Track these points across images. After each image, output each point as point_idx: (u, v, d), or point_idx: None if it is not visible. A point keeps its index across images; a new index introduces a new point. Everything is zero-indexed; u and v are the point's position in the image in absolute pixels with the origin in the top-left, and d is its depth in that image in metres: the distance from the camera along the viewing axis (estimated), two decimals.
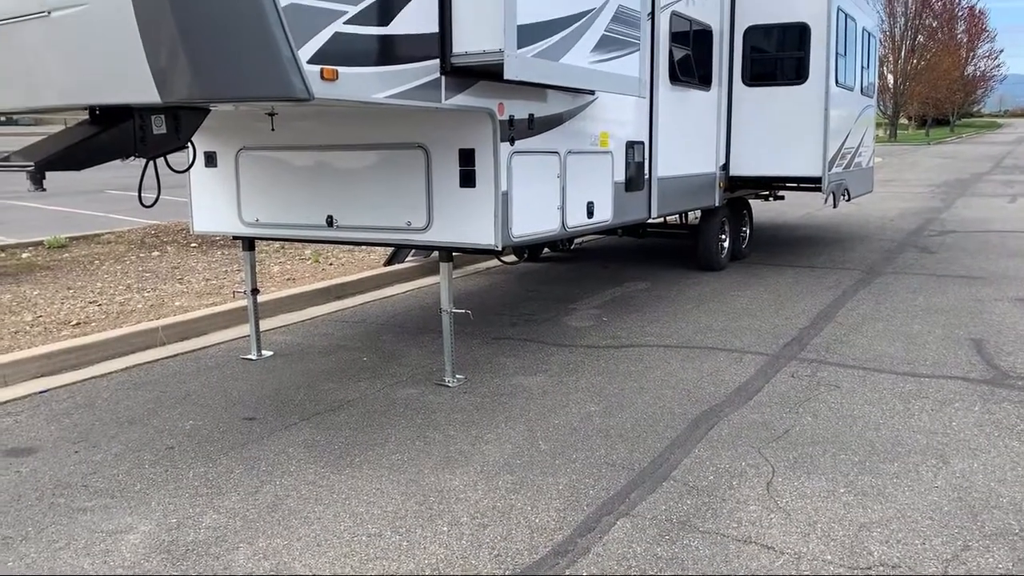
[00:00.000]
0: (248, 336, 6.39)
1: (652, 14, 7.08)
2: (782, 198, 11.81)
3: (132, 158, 4.25)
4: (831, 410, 4.97)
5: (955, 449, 4.38)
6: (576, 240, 11.33)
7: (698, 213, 9.63)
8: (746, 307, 7.72)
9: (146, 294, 7.89)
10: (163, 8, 3.52)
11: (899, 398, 5.17)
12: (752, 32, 9.24)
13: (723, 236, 9.72)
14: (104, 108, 4.19)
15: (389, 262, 9.27)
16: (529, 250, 10.14)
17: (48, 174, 4.11)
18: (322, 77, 3.80)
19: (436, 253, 5.93)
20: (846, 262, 10.13)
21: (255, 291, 6.33)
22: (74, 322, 6.81)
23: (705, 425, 4.75)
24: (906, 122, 75.11)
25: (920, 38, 62.18)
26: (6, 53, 3.97)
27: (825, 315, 7.36)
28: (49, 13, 3.69)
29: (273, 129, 5.52)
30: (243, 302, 6.63)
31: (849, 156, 10.58)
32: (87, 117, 4.29)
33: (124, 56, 3.65)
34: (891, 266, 9.81)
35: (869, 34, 11.54)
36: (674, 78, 7.82)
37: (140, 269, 9.17)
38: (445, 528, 3.60)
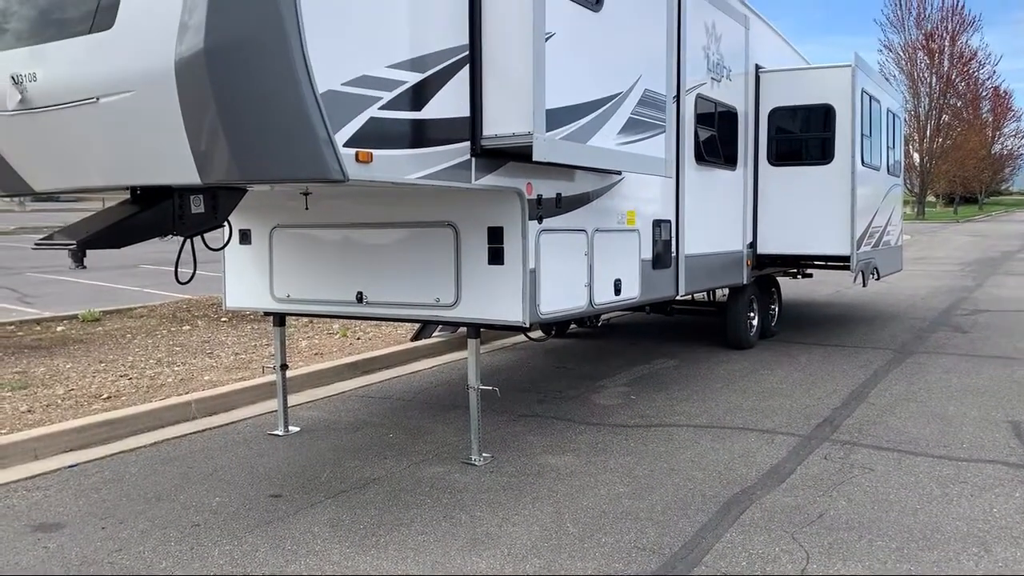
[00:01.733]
0: (276, 411, 6.40)
1: (678, 97, 7.22)
2: (811, 276, 11.77)
3: (170, 236, 4.36)
4: (866, 494, 4.85)
5: (997, 537, 4.24)
6: (604, 316, 11.32)
7: (726, 291, 9.62)
8: (777, 386, 7.62)
9: (176, 368, 7.97)
10: (206, 94, 3.66)
11: (936, 482, 5.03)
12: (777, 113, 9.38)
13: (752, 314, 9.67)
14: (144, 188, 4.32)
15: (416, 337, 9.31)
16: (556, 326, 10.14)
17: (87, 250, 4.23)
18: (357, 159, 3.90)
19: (464, 329, 5.96)
20: (877, 341, 10.01)
21: (284, 366, 6.38)
22: (105, 396, 6.88)
23: (737, 508, 4.65)
24: (934, 200, 75.05)
25: (945, 117, 62.62)
26: (54, 136, 4.12)
27: (857, 395, 7.24)
28: (97, 99, 3.85)
29: (307, 208, 5.64)
30: (271, 377, 6.66)
31: (877, 235, 10.57)
32: (128, 196, 4.42)
33: (167, 139, 3.78)
34: (923, 345, 9.68)
35: (894, 115, 11.66)
36: (700, 158, 7.92)
37: (171, 343, 9.28)
38: None
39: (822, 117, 9.29)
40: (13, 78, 4.04)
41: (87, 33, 3.84)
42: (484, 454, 5.56)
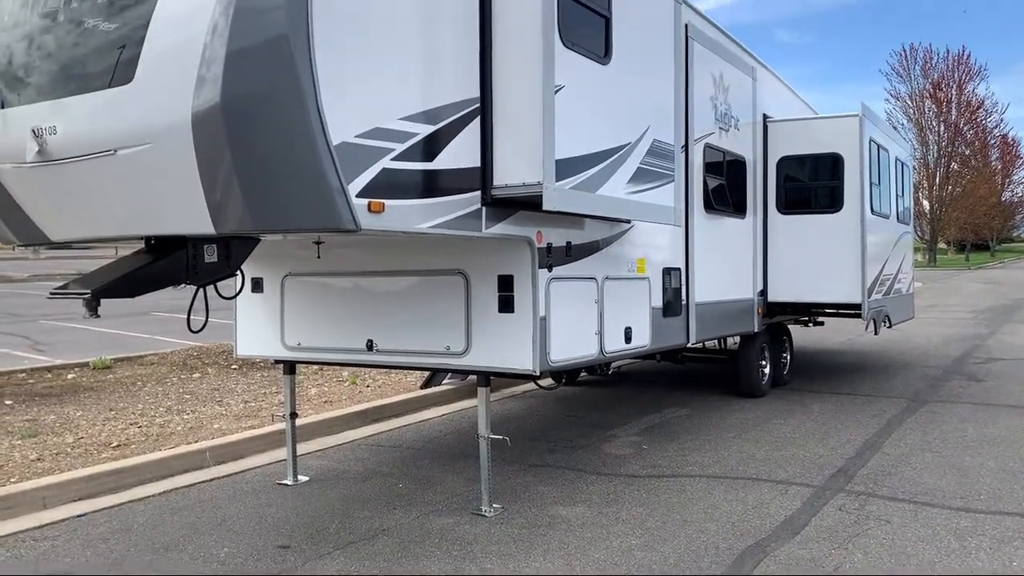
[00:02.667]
0: (285, 460, 6.37)
1: (686, 147, 7.29)
2: (822, 324, 11.72)
3: (183, 285, 4.40)
4: (882, 547, 4.76)
5: None
6: (614, 364, 11.28)
7: (737, 339, 9.58)
8: (789, 436, 7.54)
9: (185, 416, 7.96)
10: (222, 146, 3.72)
11: (954, 535, 4.95)
12: (785, 162, 9.44)
13: (763, 362, 9.62)
14: (159, 237, 4.38)
15: (426, 385, 9.28)
16: (567, 374, 10.10)
17: None
18: (369, 209, 3.95)
19: (474, 377, 5.95)
20: (890, 390, 9.92)
21: (294, 415, 6.37)
22: (114, 444, 6.87)
23: (751, 561, 4.57)
24: (945, 246, 74.96)
25: (954, 165, 62.87)
26: (71, 187, 4.19)
27: (871, 445, 7.16)
28: (115, 151, 3.93)
29: (319, 256, 5.69)
30: (281, 425, 6.65)
31: (888, 282, 10.55)
32: (143, 246, 4.47)
33: (182, 190, 3.84)
34: (937, 394, 9.58)
35: (902, 163, 11.72)
36: (709, 206, 7.97)
37: (181, 391, 9.29)
38: None
39: (830, 166, 9.35)
40: (34, 131, 4.13)
41: (107, 87, 3.93)
42: (494, 505, 5.50)
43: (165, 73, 3.80)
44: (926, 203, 61.02)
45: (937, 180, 61.85)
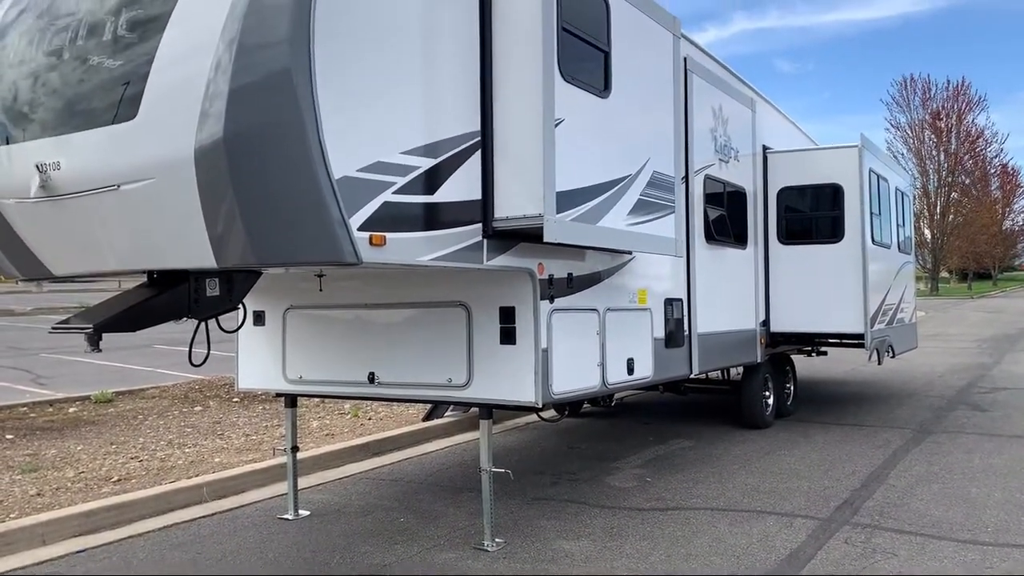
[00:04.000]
0: (286, 495, 6.32)
1: (686, 178, 7.32)
2: (825, 354, 11.69)
3: (185, 319, 4.40)
4: None
5: None
6: (617, 395, 11.23)
7: (740, 369, 9.55)
8: (794, 467, 7.49)
9: (187, 450, 7.93)
10: (224, 180, 3.74)
11: (962, 568, 4.89)
12: (786, 192, 9.48)
13: (767, 393, 9.58)
14: (161, 271, 4.39)
15: (428, 417, 9.25)
16: (569, 405, 10.06)
17: None
18: (371, 243, 3.96)
19: (476, 409, 5.92)
20: (895, 420, 9.86)
21: (295, 449, 6.33)
22: (115, 478, 6.83)
23: None
24: (947, 275, 74.96)
25: (954, 194, 63.07)
26: (75, 223, 4.21)
27: (877, 476, 7.10)
28: (118, 187, 3.95)
29: (321, 289, 5.70)
30: (282, 459, 6.61)
31: (891, 312, 10.53)
32: (145, 280, 4.48)
33: (185, 224, 3.86)
34: (942, 424, 9.52)
35: (903, 193, 11.76)
36: (710, 237, 7.98)
37: (182, 424, 9.25)
38: None
39: (831, 196, 9.38)
40: (38, 167, 4.16)
41: (111, 123, 3.97)
42: (497, 539, 5.45)
43: (169, 109, 3.84)
44: (927, 232, 61.16)
45: (938, 209, 62.02)
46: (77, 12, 4.23)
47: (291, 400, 6.34)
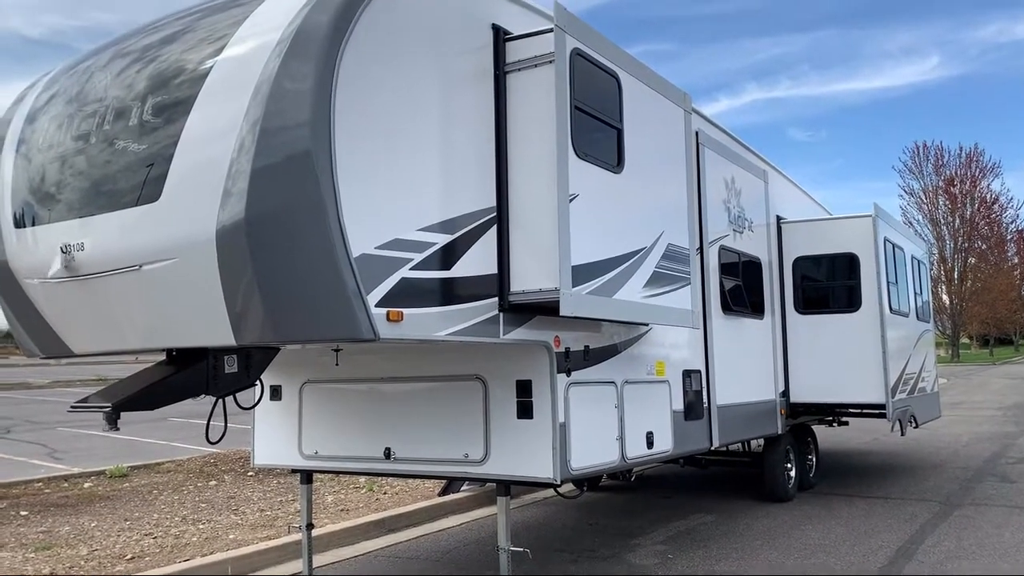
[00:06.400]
0: (301, 573, 6.21)
1: (701, 249, 7.34)
2: (846, 423, 11.50)
3: (203, 396, 4.41)
4: None
5: None
6: (636, 468, 11.05)
7: (761, 441, 9.40)
8: (819, 542, 7.30)
9: (201, 526, 7.84)
10: (245, 259, 3.80)
11: None
12: (801, 262, 9.48)
13: (789, 465, 9.40)
14: (180, 349, 4.42)
15: (444, 492, 9.12)
16: (588, 480, 9.89)
17: None
18: (388, 319, 3.99)
19: (493, 484, 5.85)
20: (921, 492, 9.63)
21: (310, 526, 6.25)
22: (129, 556, 6.75)
23: None
24: (968, 341, 74.12)
25: (971, 260, 62.80)
26: (95, 302, 4.27)
27: (905, 552, 6.90)
28: (140, 267, 4.02)
29: (337, 364, 5.71)
30: (297, 536, 6.52)
31: (912, 381, 10.40)
32: (164, 358, 4.51)
33: (204, 302, 3.91)
34: (970, 497, 9.29)
35: (919, 261, 11.74)
36: (726, 308, 7.96)
37: (197, 499, 9.17)
38: None
39: (846, 265, 9.37)
40: (63, 248, 4.24)
41: (135, 205, 4.06)
42: None
43: (192, 189, 3.93)
44: (946, 297, 60.71)
45: (956, 274, 61.69)
46: (105, 98, 4.38)
47: (306, 476, 6.29)
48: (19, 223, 4.63)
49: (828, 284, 9.58)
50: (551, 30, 4.81)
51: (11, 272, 4.72)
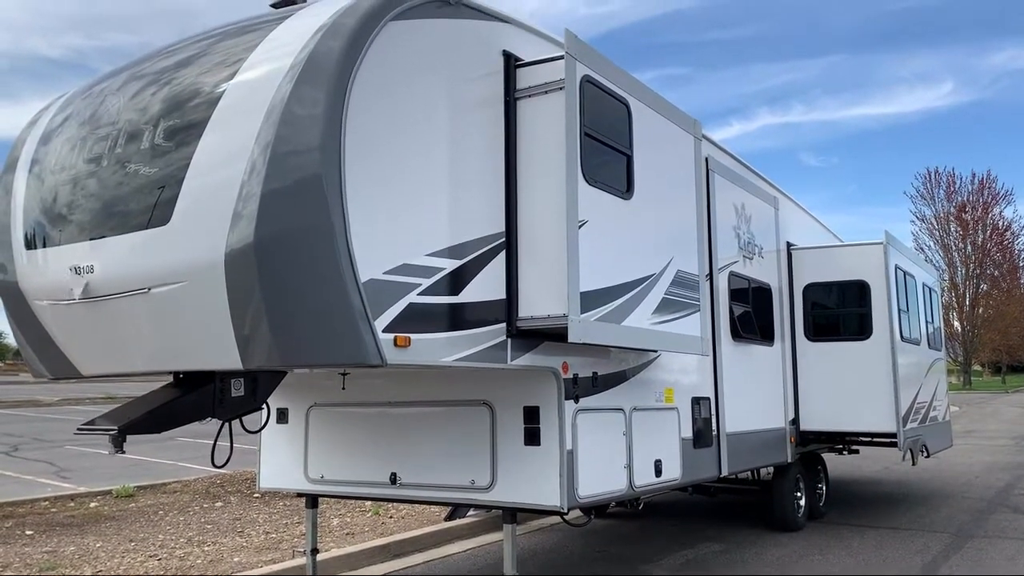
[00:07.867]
0: None
1: (710, 276, 7.32)
2: (857, 452, 11.39)
3: (209, 419, 4.40)
4: None
5: None
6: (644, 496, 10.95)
7: (771, 469, 9.31)
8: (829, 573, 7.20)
9: (206, 548, 7.80)
10: (253, 282, 3.80)
11: None
12: (811, 289, 9.44)
13: (799, 493, 9.30)
14: (186, 372, 4.41)
15: (450, 517, 9.04)
16: (596, 508, 9.80)
17: None
18: (395, 344, 3.98)
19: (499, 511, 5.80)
20: (932, 523, 9.51)
21: (315, 551, 6.21)
22: None
23: None
24: (980, 368, 73.50)
25: (983, 286, 62.44)
26: (104, 324, 4.28)
27: None
28: (149, 290, 4.02)
29: (344, 387, 5.69)
30: (302, 560, 6.47)
31: (923, 410, 10.30)
32: (171, 380, 4.51)
33: (212, 326, 3.91)
34: (983, 528, 9.16)
35: (930, 289, 11.67)
36: (736, 334, 7.92)
37: (202, 520, 9.13)
38: None
39: (857, 293, 9.32)
40: (72, 269, 4.25)
41: (145, 228, 4.07)
42: None
43: (202, 212, 3.94)
44: (957, 324, 60.31)
45: (968, 301, 61.32)
46: (118, 121, 4.41)
47: (312, 500, 6.26)
48: (30, 244, 4.66)
49: (839, 311, 9.52)
50: (562, 57, 4.83)
51: (21, 293, 4.74)
